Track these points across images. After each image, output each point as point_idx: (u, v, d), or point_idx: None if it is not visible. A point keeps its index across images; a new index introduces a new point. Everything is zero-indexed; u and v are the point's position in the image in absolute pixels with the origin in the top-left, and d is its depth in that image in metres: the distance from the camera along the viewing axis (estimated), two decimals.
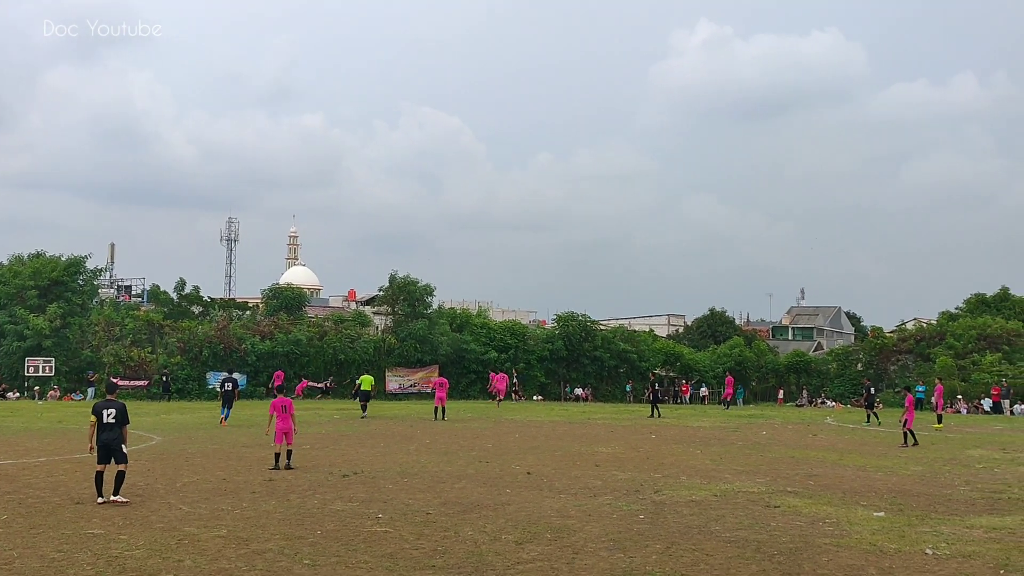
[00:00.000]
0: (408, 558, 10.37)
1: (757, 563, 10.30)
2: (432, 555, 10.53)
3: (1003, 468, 20.17)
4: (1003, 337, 54.77)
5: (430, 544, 11.13)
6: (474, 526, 12.30)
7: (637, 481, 16.92)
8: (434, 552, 10.69)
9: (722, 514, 13.45)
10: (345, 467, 18.28)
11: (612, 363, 57.02)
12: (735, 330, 75.60)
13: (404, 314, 54.10)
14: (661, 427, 31.23)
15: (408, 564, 10.08)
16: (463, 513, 13.31)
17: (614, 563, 10.22)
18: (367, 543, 11.15)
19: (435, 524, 12.43)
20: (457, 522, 12.59)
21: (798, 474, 18.42)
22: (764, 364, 61.31)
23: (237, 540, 11.21)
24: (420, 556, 10.48)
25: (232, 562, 10.07)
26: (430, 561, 10.23)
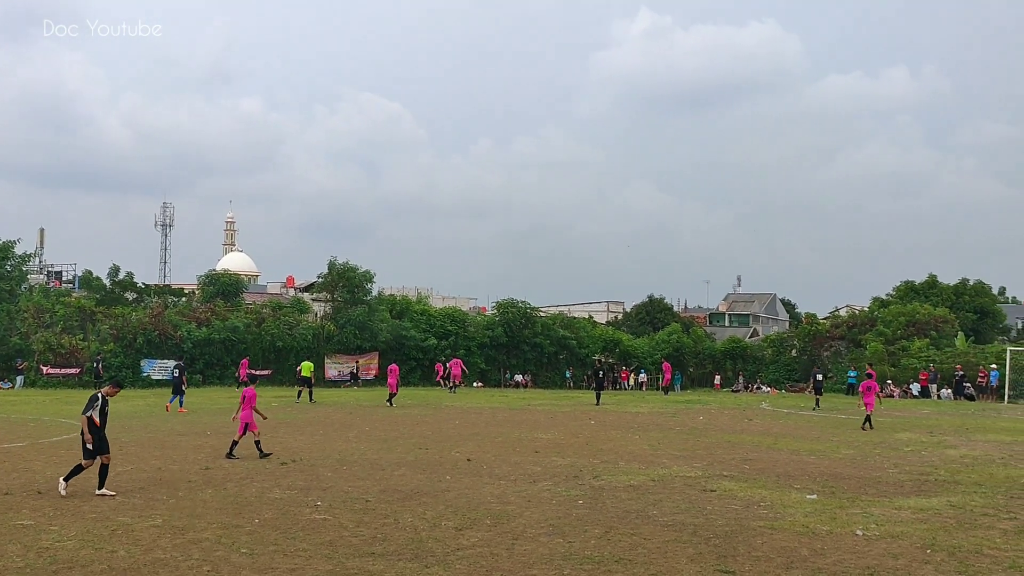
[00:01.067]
0: (347, 545, 10.33)
1: (693, 546, 10.45)
2: (372, 542, 10.50)
3: (930, 451, 20.71)
4: (931, 323, 56.11)
5: (369, 531, 11.09)
6: (414, 513, 12.29)
7: (576, 467, 17.04)
8: (374, 539, 10.66)
9: (660, 498, 13.62)
10: (283, 455, 18.12)
11: (552, 350, 57.20)
12: (673, 317, 76.34)
13: (343, 301, 53.61)
14: (600, 413, 31.46)
15: (347, 551, 10.04)
16: (403, 500, 13.28)
17: (553, 548, 10.28)
18: (306, 531, 11.07)
19: (375, 511, 12.39)
20: (397, 509, 12.57)
21: (734, 458, 18.71)
22: (701, 350, 62.01)
23: (173, 530, 11.06)
24: (359, 543, 10.44)
25: (168, 552, 9.93)
26: (369, 548, 10.19)
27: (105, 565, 9.37)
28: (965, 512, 12.82)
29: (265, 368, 49.77)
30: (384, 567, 9.39)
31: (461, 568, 9.38)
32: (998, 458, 19.42)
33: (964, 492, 14.61)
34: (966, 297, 71.53)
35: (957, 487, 15.17)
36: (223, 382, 46.62)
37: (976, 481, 15.87)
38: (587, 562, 9.65)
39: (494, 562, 9.64)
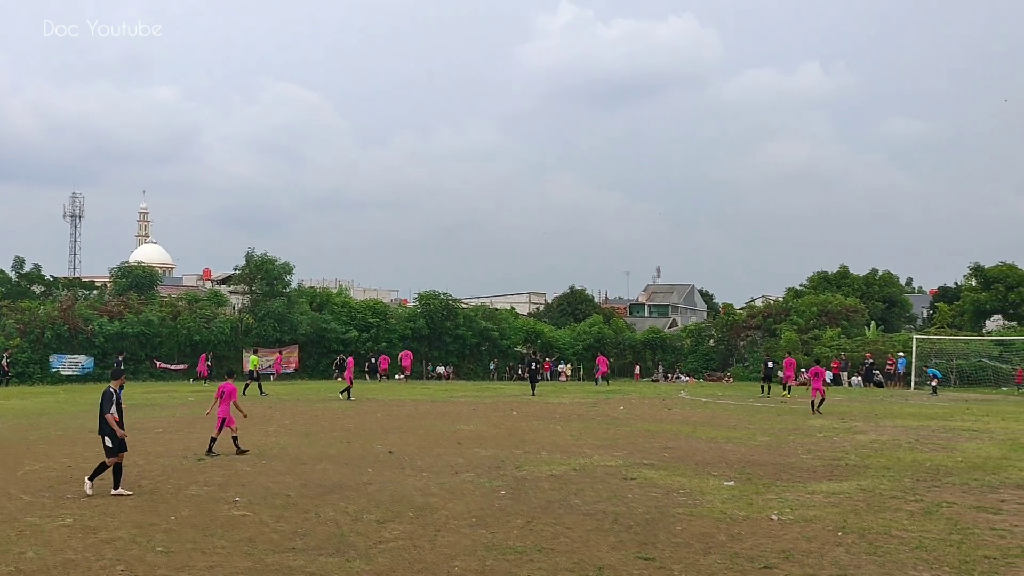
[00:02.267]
0: (267, 541, 10.19)
1: (615, 534, 10.58)
2: (292, 537, 10.38)
3: (841, 437, 21.29)
4: (842, 313, 57.63)
5: (290, 526, 10.97)
6: (335, 507, 12.19)
7: (499, 458, 17.09)
8: (294, 534, 10.54)
9: (581, 488, 13.74)
10: (200, 450, 17.77)
11: (474, 341, 57.26)
12: (594, 308, 76.99)
13: (262, 293, 52.83)
14: (522, 404, 31.60)
15: (267, 547, 9.91)
16: (324, 494, 13.16)
17: (476, 539, 10.31)
18: (224, 528, 10.90)
19: (295, 506, 12.26)
20: (318, 503, 12.45)
21: (654, 447, 18.97)
22: (622, 341, 62.72)
23: (84, 529, 10.77)
24: (280, 539, 10.31)
25: (79, 552, 9.67)
26: (290, 544, 10.08)
27: (12, 567, 9.08)
28: (874, 495, 13.22)
29: (180, 362, 48.85)
30: (305, 562, 9.29)
31: (383, 561, 9.34)
32: (905, 443, 20.05)
33: (873, 476, 15.05)
34: (875, 287, 73.73)
35: (867, 471, 15.62)
36: (137, 377, 45.55)
37: (884, 465, 16.37)
38: (510, 552, 9.69)
39: (417, 554, 9.62)
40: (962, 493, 13.47)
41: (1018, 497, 13.15)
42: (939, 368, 45.22)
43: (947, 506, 12.39)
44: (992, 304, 64.71)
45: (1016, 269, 65.54)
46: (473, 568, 9.08)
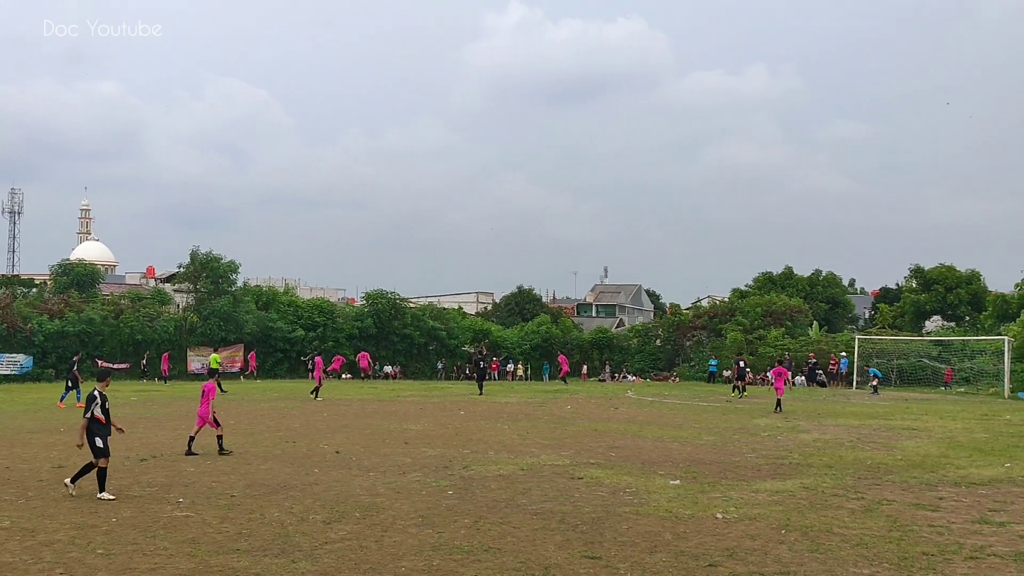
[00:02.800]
0: (211, 542, 10.06)
1: (562, 533, 10.61)
2: (236, 538, 10.26)
3: (785, 436, 21.59)
4: (786, 313, 58.52)
5: (234, 527, 10.84)
6: (281, 507, 12.07)
7: (446, 457, 17.06)
8: (238, 535, 10.41)
9: (529, 487, 13.76)
10: (143, 451, 17.51)
11: (422, 340, 57.13)
12: (542, 307, 77.27)
13: (207, 292, 52.18)
14: (470, 403, 31.58)
15: (211, 548, 9.78)
16: (269, 494, 13.03)
17: (423, 539, 10.27)
18: (167, 529, 10.73)
19: (240, 506, 12.11)
20: (263, 504, 12.32)
21: (600, 446, 19.07)
22: (569, 340, 63.00)
23: (22, 531, 10.54)
24: (223, 540, 10.18)
25: (16, 555, 9.46)
26: (234, 545, 9.96)
27: None
28: (817, 493, 13.42)
29: (123, 361, 48.05)
30: (249, 563, 9.19)
31: (329, 562, 9.26)
32: (847, 441, 20.40)
33: (816, 474, 15.29)
34: (819, 288, 74.97)
35: (810, 469, 15.86)
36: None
37: (827, 463, 16.63)
38: (457, 552, 9.68)
39: (363, 555, 9.56)
40: (902, 491, 13.73)
41: (955, 494, 13.44)
42: (880, 368, 46.05)
43: (887, 504, 12.62)
44: (931, 305, 66.15)
45: (954, 271, 67.08)
46: (420, 568, 9.05)
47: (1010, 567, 9.19)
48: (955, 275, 66.65)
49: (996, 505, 12.59)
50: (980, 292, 65.60)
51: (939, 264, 68.19)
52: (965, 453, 18.37)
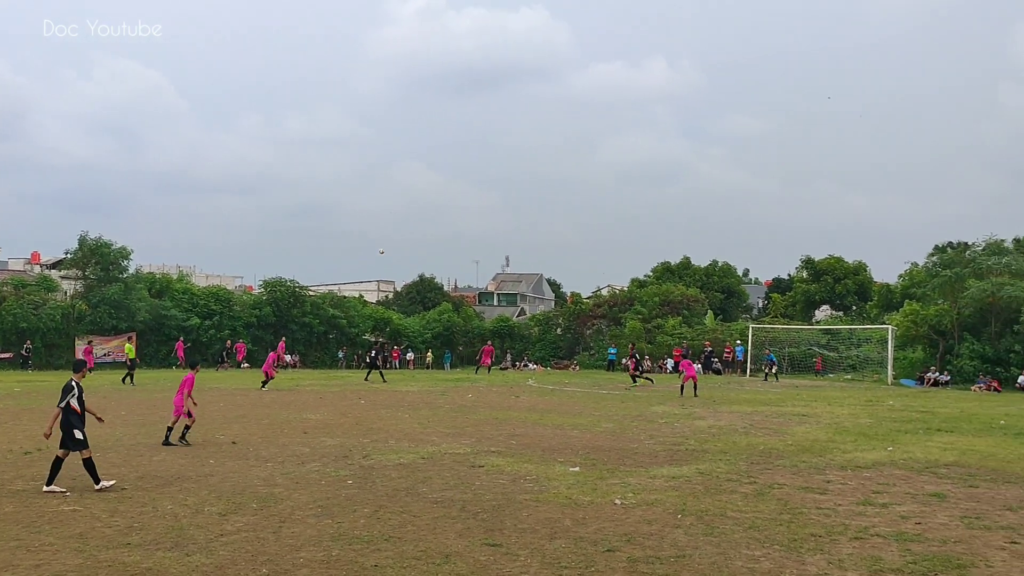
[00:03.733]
0: (100, 536, 9.76)
1: (462, 521, 10.62)
2: (127, 532, 9.97)
3: (682, 423, 22.04)
4: (683, 302, 59.73)
5: (125, 520, 10.53)
6: (174, 499, 11.78)
7: (346, 447, 16.90)
8: (129, 529, 10.13)
9: (429, 476, 13.74)
10: (27, 444, 16.86)
11: (321, 329, 56.40)
12: (444, 296, 77.07)
13: (97, 279, 50.45)
14: (370, 392, 31.36)
15: (100, 543, 9.48)
16: (162, 486, 12.70)
17: (322, 529, 10.16)
18: (53, 523, 10.36)
19: (131, 499, 11.78)
20: (156, 496, 12.00)
21: (501, 434, 19.16)
22: (471, 329, 63.06)
23: None
24: (113, 534, 9.89)
25: None
26: (125, 539, 9.67)
27: None
28: (712, 478, 13.75)
29: (6, 351, 46.19)
30: (140, 557, 8.94)
31: (225, 554, 9.08)
32: (740, 427, 20.95)
33: (711, 460, 15.66)
34: (715, 278, 76.73)
35: (705, 455, 16.24)
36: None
37: (721, 449, 17.05)
38: (356, 542, 9.60)
39: (260, 546, 9.40)
40: (792, 475, 14.17)
41: (842, 478, 13.94)
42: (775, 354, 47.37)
43: (778, 487, 13.01)
44: (821, 295, 68.48)
45: (843, 262, 69.54)
46: (319, 559, 8.95)
47: (892, 546, 9.57)
48: (843, 266, 69.13)
49: (879, 487, 13.10)
50: (866, 283, 68.19)
51: (828, 256, 70.69)
52: (851, 438, 19.07)
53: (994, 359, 40.95)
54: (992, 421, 23.07)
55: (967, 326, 42.76)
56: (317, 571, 8.54)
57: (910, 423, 22.28)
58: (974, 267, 43.11)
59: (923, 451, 17.03)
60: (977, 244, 47.63)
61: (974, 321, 42.72)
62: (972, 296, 41.12)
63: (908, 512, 11.37)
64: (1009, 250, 47.39)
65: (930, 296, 45.31)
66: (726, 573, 8.54)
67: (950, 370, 41.93)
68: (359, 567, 8.67)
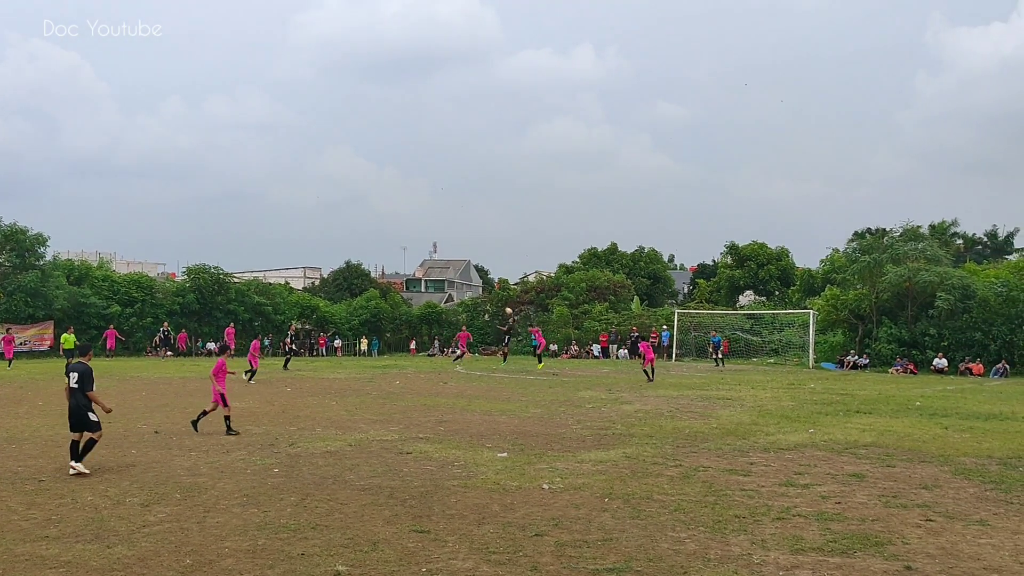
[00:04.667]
0: (17, 530, 9.50)
1: (390, 508, 10.59)
2: (45, 525, 9.73)
3: (609, 407, 22.26)
4: (610, 288, 60.28)
5: (43, 513, 10.27)
6: (94, 491, 11.52)
7: (272, 435, 16.71)
8: (47, 521, 9.87)
9: (357, 463, 13.66)
10: None
11: (247, 316, 55.61)
12: (371, 282, 76.54)
13: (12, 266, 48.94)
14: (297, 380, 31.03)
15: (16, 537, 9.23)
16: (82, 478, 12.40)
17: (247, 518, 10.03)
18: None
19: (49, 491, 11.48)
20: (75, 487, 11.72)
21: (429, 421, 19.13)
22: (399, 316, 62.78)
23: None
24: (31, 527, 9.63)
25: None
26: (43, 532, 9.43)
27: None
28: (638, 462, 13.92)
29: None
30: (60, 550, 8.73)
31: (148, 545, 8.92)
32: (666, 411, 21.23)
33: (637, 444, 15.84)
34: (642, 264, 77.55)
35: (631, 439, 16.42)
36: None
37: (648, 433, 17.26)
38: (283, 531, 9.50)
39: (184, 537, 9.25)
40: (717, 457, 14.42)
41: (765, 460, 14.22)
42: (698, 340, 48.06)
43: (703, 470, 13.23)
44: (745, 280, 69.63)
45: (766, 248, 70.77)
46: (244, 548, 8.84)
47: (812, 526, 9.81)
48: (766, 252, 70.36)
49: (801, 468, 13.41)
50: (789, 268, 69.54)
51: (752, 242, 71.81)
52: (774, 420, 19.47)
53: (910, 342, 42.17)
54: (908, 403, 23.77)
55: (885, 310, 43.95)
56: (242, 561, 8.44)
57: (830, 405, 22.83)
58: (892, 253, 44.27)
59: (843, 432, 17.47)
60: (895, 230, 48.96)
61: (892, 306, 43.92)
62: (890, 281, 42.24)
63: (828, 492, 11.66)
64: (925, 236, 48.84)
65: (850, 281, 46.41)
66: (652, 555, 8.66)
67: (869, 353, 43.07)
68: (285, 556, 8.59)
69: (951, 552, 8.88)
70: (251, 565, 8.30)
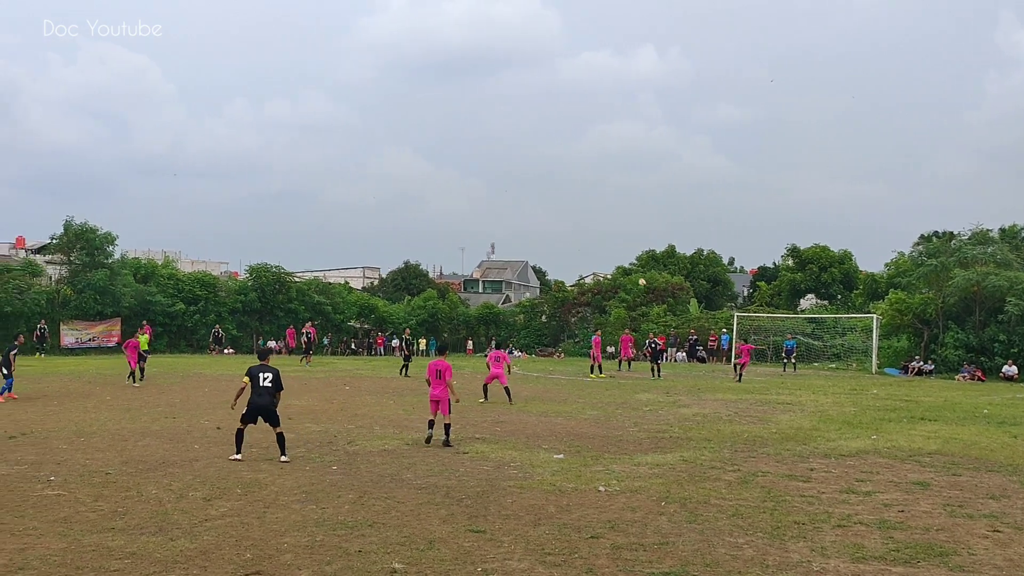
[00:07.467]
0: (84, 521, 9.74)
1: (446, 507, 10.64)
2: (111, 516, 9.96)
3: (666, 410, 22.12)
4: (668, 290, 59.78)
5: (109, 505, 10.51)
6: (159, 484, 11.76)
7: (331, 433, 16.90)
8: (114, 513, 10.11)
9: (413, 462, 13.75)
10: (11, 428, 16.80)
11: (307, 315, 56.22)
12: (429, 283, 76.93)
13: (82, 263, 50.17)
14: (356, 379, 31.34)
15: (84, 527, 9.46)
16: (147, 471, 12.68)
17: (306, 515, 10.16)
18: (37, 508, 10.34)
19: (115, 484, 11.75)
20: (140, 481, 11.98)
21: (486, 421, 19.19)
22: (456, 316, 62.99)
23: None
24: (98, 518, 9.87)
25: None
26: (109, 523, 9.66)
27: None
28: (696, 466, 13.81)
29: None
30: (125, 542, 8.93)
31: (209, 539, 9.08)
32: (725, 415, 21.03)
33: (695, 448, 15.72)
34: (700, 266, 76.79)
35: (689, 443, 16.30)
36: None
37: (706, 437, 17.12)
38: (340, 527, 9.61)
39: (244, 531, 9.40)
40: (776, 463, 14.25)
41: (825, 466, 14.02)
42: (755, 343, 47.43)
43: (762, 475, 13.08)
44: (806, 283, 68.63)
45: (828, 251, 69.69)
46: (302, 544, 8.96)
47: (874, 534, 9.65)
48: (829, 255, 69.26)
49: (862, 476, 13.19)
50: (852, 271, 68.36)
51: (814, 244, 70.75)
52: (835, 426, 19.17)
53: (978, 348, 41.16)
54: (975, 410, 23.24)
55: (952, 315, 42.95)
56: (301, 556, 8.55)
57: (894, 412, 22.42)
58: (959, 256, 43.27)
59: (907, 439, 17.15)
60: (963, 233, 47.84)
61: (959, 310, 42.90)
62: (957, 285, 41.27)
63: (891, 500, 11.45)
64: (995, 239, 47.62)
65: (915, 285, 45.46)
66: (709, 560, 8.59)
67: (934, 359, 42.13)
68: (343, 552, 8.68)
69: (1019, 564, 8.66)
70: (309, 561, 8.41)
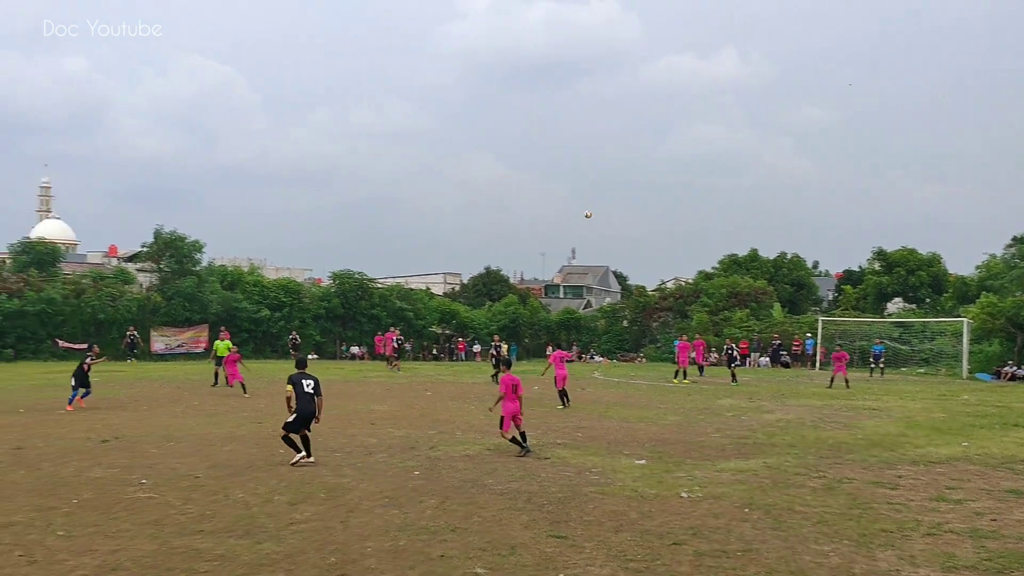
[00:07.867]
0: (174, 524, 9.99)
1: (528, 513, 10.64)
2: (200, 520, 10.19)
3: (749, 416, 21.78)
4: (751, 295, 58.94)
5: (198, 508, 10.76)
6: (245, 488, 12.00)
7: (412, 438, 17.04)
8: (202, 517, 10.35)
9: (495, 468, 13.78)
10: (104, 432, 17.32)
11: (389, 321, 56.87)
12: (510, 288, 77.21)
13: (171, 271, 51.60)
14: (437, 384, 31.56)
15: (174, 530, 9.71)
16: (233, 476, 12.94)
17: (389, 519, 10.26)
18: (129, 510, 10.64)
19: (203, 488, 12.03)
20: (227, 485, 12.24)
21: (567, 427, 19.14)
22: (537, 321, 63.07)
23: None
24: (187, 521, 10.11)
25: None
26: (197, 526, 9.89)
27: None
28: (779, 472, 13.56)
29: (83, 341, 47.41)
30: (213, 544, 9.13)
31: (294, 543, 9.23)
32: (809, 421, 20.62)
33: (779, 454, 15.44)
34: (784, 270, 75.40)
35: (773, 449, 16.02)
36: (38, 356, 44.16)
37: (790, 443, 16.80)
38: (423, 532, 9.68)
39: (328, 535, 9.54)
40: (862, 469, 13.91)
41: (913, 473, 13.64)
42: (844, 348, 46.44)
43: (848, 482, 12.79)
44: (893, 287, 66.90)
45: (916, 254, 67.85)
46: (385, 548, 9.05)
47: (966, 543, 9.35)
48: (916, 258, 67.41)
49: (952, 483, 12.80)
50: (940, 275, 66.44)
51: (901, 247, 68.92)
52: (923, 432, 18.64)
53: None
54: None
55: None
56: (384, 561, 8.63)
57: (986, 418, 21.71)
58: None
59: (999, 446, 16.59)
60: None
61: None
62: None
63: (983, 508, 11.09)
64: None
65: (1008, 288, 44.08)
66: (794, 567, 8.43)
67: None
68: (425, 557, 8.74)
69: None
70: (392, 565, 8.48)
